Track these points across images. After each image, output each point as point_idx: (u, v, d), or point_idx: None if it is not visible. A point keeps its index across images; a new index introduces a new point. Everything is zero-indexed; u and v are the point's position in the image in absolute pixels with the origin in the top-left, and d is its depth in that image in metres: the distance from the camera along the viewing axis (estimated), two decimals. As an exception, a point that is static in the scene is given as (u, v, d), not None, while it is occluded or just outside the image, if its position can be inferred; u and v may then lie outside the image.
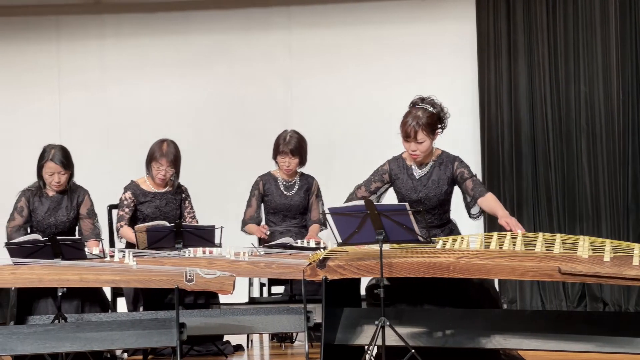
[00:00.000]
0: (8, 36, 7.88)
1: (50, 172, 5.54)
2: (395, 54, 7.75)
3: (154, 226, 5.43)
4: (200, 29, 7.87)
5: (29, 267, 4.73)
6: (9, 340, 4.55)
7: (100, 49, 7.91)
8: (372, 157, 5.87)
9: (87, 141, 7.64)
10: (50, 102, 7.87)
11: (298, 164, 6.23)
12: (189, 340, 5.00)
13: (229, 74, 7.87)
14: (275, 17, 7.84)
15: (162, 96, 7.87)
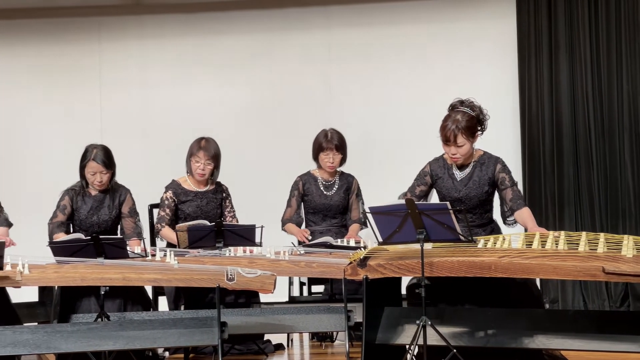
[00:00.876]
0: (51, 37, 7.96)
1: (92, 171, 5.58)
2: (435, 53, 7.72)
3: (195, 225, 5.44)
4: (240, 29, 7.90)
5: (72, 265, 4.77)
6: (53, 338, 4.59)
7: (140, 50, 7.97)
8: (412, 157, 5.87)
9: (128, 140, 7.70)
10: (91, 102, 7.95)
11: (341, 160, 6.21)
12: (230, 339, 5.02)
13: (268, 73, 7.88)
14: (314, 17, 7.84)
15: (201, 96, 7.91)
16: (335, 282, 5.81)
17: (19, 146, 7.93)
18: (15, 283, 4.60)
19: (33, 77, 7.96)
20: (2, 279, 4.54)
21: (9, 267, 4.59)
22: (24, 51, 7.98)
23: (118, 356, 4.95)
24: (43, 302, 5.82)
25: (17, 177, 7.78)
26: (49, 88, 7.96)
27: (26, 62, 7.97)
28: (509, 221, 5.07)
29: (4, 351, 4.52)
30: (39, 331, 4.63)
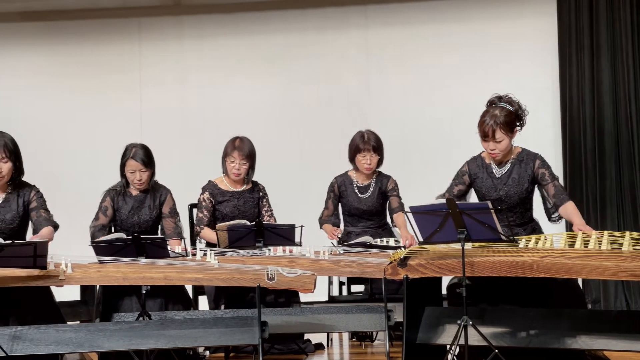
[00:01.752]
0: (91, 39, 8.04)
1: (131, 170, 5.61)
2: (474, 51, 7.69)
3: (235, 225, 5.46)
4: (278, 29, 7.92)
5: (114, 265, 4.80)
6: (95, 337, 4.62)
7: (179, 50, 8.02)
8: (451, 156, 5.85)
9: (167, 140, 7.75)
10: (131, 102, 8.01)
11: (378, 162, 6.19)
12: (270, 339, 5.03)
13: (306, 73, 7.89)
14: (352, 16, 7.84)
15: (239, 95, 7.94)
16: (375, 282, 5.80)
17: (61, 147, 8.01)
18: (59, 282, 4.64)
19: (74, 78, 8.04)
20: (45, 278, 4.58)
21: (53, 267, 4.63)
22: (65, 52, 8.06)
23: (159, 355, 4.99)
24: (85, 301, 5.87)
25: (60, 177, 7.86)
26: (90, 89, 8.03)
27: (67, 63, 8.05)
28: (554, 218, 5.01)
29: (48, 349, 4.57)
30: (82, 330, 4.67)
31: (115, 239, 4.99)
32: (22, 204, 5.08)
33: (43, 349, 4.56)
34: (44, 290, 4.86)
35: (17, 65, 8.07)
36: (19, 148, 5.08)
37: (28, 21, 8.09)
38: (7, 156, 4.99)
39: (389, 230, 6.23)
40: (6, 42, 8.09)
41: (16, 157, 5.04)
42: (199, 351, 5.46)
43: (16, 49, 8.09)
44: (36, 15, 8.09)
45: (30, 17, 8.10)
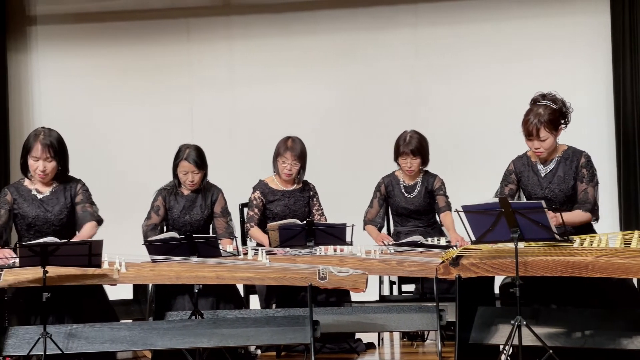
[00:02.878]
0: (141, 39, 8.10)
1: (184, 171, 5.65)
2: (524, 49, 7.63)
3: (286, 224, 5.48)
4: (327, 29, 7.92)
5: (167, 264, 4.83)
6: (149, 335, 4.66)
7: (228, 50, 8.05)
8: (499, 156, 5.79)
9: (218, 140, 7.78)
10: (182, 103, 8.06)
11: (420, 164, 6.17)
12: (321, 338, 5.03)
13: (355, 72, 7.88)
14: (401, 15, 7.82)
15: (288, 95, 7.95)
16: (426, 281, 5.79)
17: (113, 147, 8.08)
18: (113, 281, 4.69)
19: (126, 79, 8.11)
20: (100, 277, 4.63)
21: (107, 265, 4.68)
22: (115, 53, 8.13)
23: (211, 353, 5.02)
24: (138, 299, 5.93)
25: (112, 177, 7.93)
26: (141, 89, 8.09)
27: (119, 64, 8.12)
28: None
29: (103, 347, 4.62)
30: (135, 328, 4.71)
31: (168, 238, 5.03)
32: (70, 196, 5.13)
33: (98, 347, 4.61)
34: (98, 288, 4.91)
35: (70, 66, 8.17)
36: (66, 146, 5.11)
37: (81, 23, 8.18)
38: (51, 156, 5.03)
39: (438, 229, 6.21)
40: (60, 43, 8.19)
41: (61, 156, 5.07)
42: (251, 350, 5.49)
43: (70, 50, 8.18)
44: (89, 16, 8.18)
45: (83, 19, 8.19)
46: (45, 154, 5.01)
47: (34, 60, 8.20)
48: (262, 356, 5.57)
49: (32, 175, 5.07)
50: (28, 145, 5.05)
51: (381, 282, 6.27)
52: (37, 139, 5.03)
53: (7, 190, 5.10)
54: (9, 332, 4.59)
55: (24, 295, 4.79)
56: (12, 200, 5.05)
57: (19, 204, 5.04)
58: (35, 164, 5.03)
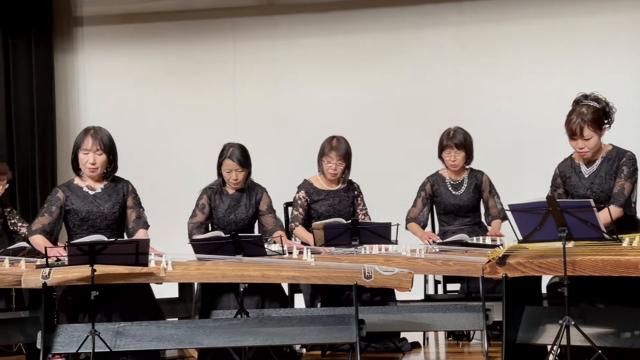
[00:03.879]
0: (187, 39, 8.15)
1: (228, 169, 5.67)
2: (570, 47, 7.55)
3: (331, 223, 5.48)
4: (371, 27, 7.90)
5: (213, 263, 4.85)
6: (195, 333, 4.68)
7: (272, 49, 8.07)
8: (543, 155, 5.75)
9: (261, 139, 7.79)
10: (226, 102, 8.09)
11: (464, 158, 6.13)
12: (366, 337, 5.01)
13: (400, 70, 7.86)
14: (446, 13, 7.78)
15: (332, 94, 7.95)
16: (471, 281, 5.76)
17: (158, 146, 8.14)
18: (159, 279, 4.72)
19: (171, 78, 8.17)
20: (147, 276, 4.67)
21: (153, 264, 4.72)
22: (160, 53, 8.19)
23: (257, 352, 5.03)
24: (183, 298, 5.96)
25: (157, 176, 7.99)
26: (186, 88, 8.14)
27: (163, 64, 8.18)
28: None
29: (150, 345, 4.65)
30: (182, 326, 4.74)
31: (214, 237, 5.05)
32: (122, 194, 5.19)
33: (145, 345, 4.65)
34: (144, 287, 4.95)
35: (115, 66, 8.24)
36: (115, 144, 5.19)
37: (126, 23, 8.26)
38: (101, 149, 5.10)
39: (484, 228, 6.17)
40: (106, 43, 8.27)
41: (111, 151, 5.15)
42: (296, 348, 5.49)
43: (115, 50, 8.26)
44: (134, 17, 8.25)
45: (128, 20, 8.26)
46: (95, 147, 5.09)
47: (80, 61, 8.29)
48: (307, 355, 5.58)
49: (83, 170, 5.14)
50: (78, 141, 5.14)
51: (426, 281, 6.25)
52: (88, 133, 5.13)
53: (58, 189, 5.18)
54: (58, 330, 4.64)
55: (73, 294, 4.85)
56: (64, 197, 5.12)
57: (71, 201, 5.11)
58: (85, 157, 5.10)
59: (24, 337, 4.96)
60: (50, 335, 4.61)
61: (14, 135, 7.98)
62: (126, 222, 5.22)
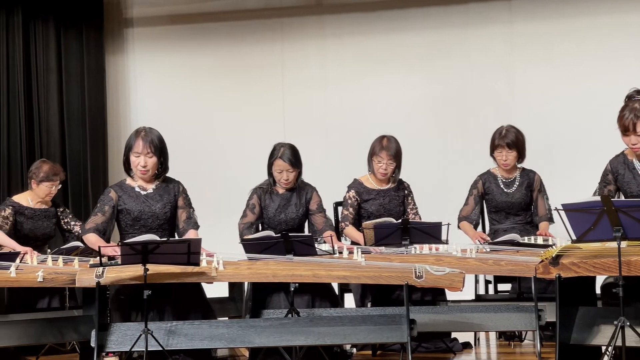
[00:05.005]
0: (236, 39, 8.19)
1: (279, 169, 5.68)
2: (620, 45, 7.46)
3: (382, 223, 5.47)
4: (420, 26, 7.88)
5: (264, 262, 4.86)
6: (247, 332, 4.69)
7: (321, 49, 8.08)
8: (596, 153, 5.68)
9: (310, 139, 7.81)
10: (275, 102, 8.12)
11: (516, 157, 6.09)
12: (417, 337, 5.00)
13: (448, 69, 7.83)
14: (495, 11, 7.73)
15: (381, 93, 7.94)
16: (523, 281, 5.71)
17: (208, 147, 8.19)
18: (211, 279, 4.73)
19: (220, 79, 8.22)
20: (198, 275, 4.69)
21: (205, 264, 4.74)
22: (209, 54, 8.24)
23: (308, 351, 5.04)
24: (233, 297, 5.99)
25: (208, 176, 8.05)
26: (236, 89, 8.19)
27: (212, 65, 8.23)
28: None
29: (202, 344, 4.67)
30: (233, 325, 4.75)
31: (264, 237, 5.07)
32: (173, 194, 5.24)
33: (197, 344, 4.67)
34: (196, 286, 4.98)
35: (165, 67, 8.31)
36: (166, 145, 5.24)
37: (176, 24, 8.32)
38: (152, 151, 5.15)
39: (536, 227, 6.11)
40: (156, 44, 8.34)
41: (161, 153, 5.19)
42: (346, 348, 5.49)
43: (165, 51, 8.33)
44: (184, 18, 8.31)
45: (178, 20, 8.32)
46: (146, 150, 5.13)
47: (130, 62, 8.37)
48: (357, 355, 5.57)
49: (134, 172, 5.19)
50: (130, 143, 5.19)
51: (477, 281, 6.21)
52: (139, 135, 5.17)
53: (110, 189, 5.23)
54: (111, 328, 4.68)
55: (126, 293, 4.89)
56: (116, 197, 5.18)
57: (124, 200, 5.16)
58: (136, 159, 5.16)
59: (77, 335, 5.00)
60: (103, 334, 4.65)
61: (66, 136, 8.08)
62: (177, 222, 5.26)
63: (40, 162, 6.36)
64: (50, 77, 8.02)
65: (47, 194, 6.21)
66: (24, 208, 6.18)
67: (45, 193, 6.21)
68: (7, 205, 6.17)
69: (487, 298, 6.05)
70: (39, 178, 6.19)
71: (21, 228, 6.15)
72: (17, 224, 6.13)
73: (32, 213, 6.20)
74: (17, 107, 7.81)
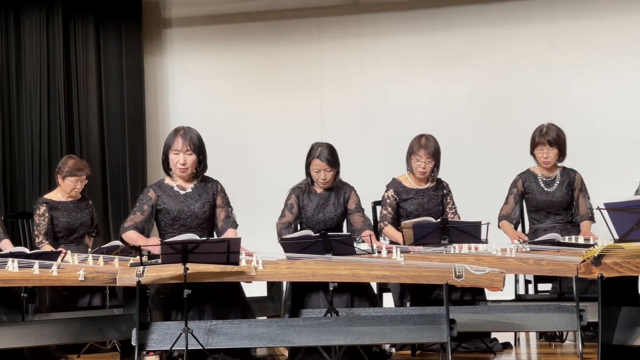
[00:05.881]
0: (273, 39, 8.20)
1: (316, 169, 5.68)
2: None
3: (421, 222, 5.44)
4: (458, 24, 7.85)
5: (303, 262, 4.86)
6: (286, 332, 4.70)
7: (359, 48, 8.07)
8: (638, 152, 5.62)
9: (348, 139, 7.81)
10: (313, 100, 8.12)
11: (557, 155, 6.04)
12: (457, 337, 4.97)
13: (488, 68, 7.79)
14: (535, 9, 7.68)
15: (420, 92, 7.91)
16: (564, 280, 5.66)
17: (246, 146, 8.21)
18: (250, 278, 4.74)
19: (259, 78, 8.23)
20: (238, 274, 4.70)
21: (244, 263, 4.75)
22: (247, 54, 8.26)
23: (347, 351, 5.03)
24: (271, 296, 6.00)
25: (246, 175, 8.06)
26: (274, 88, 8.20)
27: (250, 64, 8.25)
28: None
29: (241, 343, 4.68)
30: (272, 325, 4.76)
31: (303, 236, 5.07)
32: (212, 194, 5.26)
33: (237, 343, 4.68)
34: (235, 285, 4.99)
35: (203, 67, 8.34)
36: (204, 144, 5.25)
37: (214, 24, 8.35)
38: (191, 149, 5.18)
39: (577, 226, 6.06)
40: (194, 44, 8.38)
41: (200, 151, 5.22)
42: (385, 348, 5.47)
43: (203, 51, 8.36)
44: (222, 18, 8.34)
45: (216, 21, 8.35)
46: (185, 147, 5.16)
47: (168, 62, 8.42)
48: (396, 354, 5.55)
49: (173, 170, 5.22)
50: (169, 141, 5.22)
51: (517, 280, 6.17)
52: (178, 133, 5.20)
53: (149, 188, 5.26)
54: (151, 327, 4.71)
55: (166, 292, 4.91)
56: (155, 196, 5.20)
57: (163, 200, 5.19)
58: (175, 157, 5.18)
59: (118, 334, 5.05)
60: (144, 333, 4.67)
61: (105, 137, 8.14)
62: (215, 221, 5.28)
63: (67, 157, 6.47)
64: (89, 78, 8.08)
65: (72, 188, 6.29)
66: (56, 203, 6.28)
67: (70, 188, 6.29)
68: (40, 203, 6.28)
69: (528, 298, 6.00)
70: (63, 173, 6.30)
71: (58, 222, 6.24)
72: (53, 220, 6.22)
73: (65, 206, 6.29)
74: (57, 107, 7.88)
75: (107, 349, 5.98)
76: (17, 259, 4.88)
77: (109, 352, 5.95)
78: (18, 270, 4.81)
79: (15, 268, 4.81)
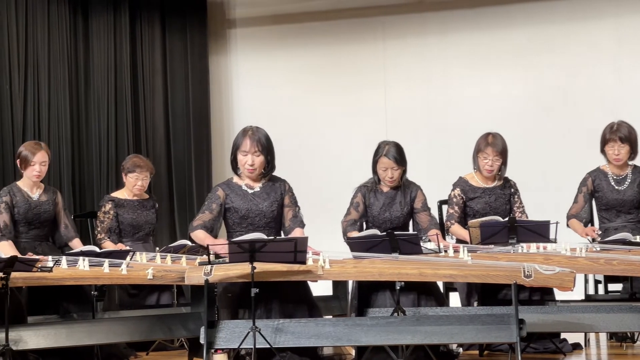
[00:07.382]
0: (336, 38, 8.22)
1: (383, 167, 5.66)
2: None
3: (488, 221, 5.39)
4: (524, 21, 7.79)
5: (369, 261, 4.85)
6: (353, 331, 4.69)
7: (422, 47, 8.04)
8: None
9: (412, 138, 7.77)
10: (377, 100, 8.11)
11: (628, 152, 5.94)
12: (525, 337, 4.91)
13: (553, 64, 7.71)
14: (601, 4, 7.58)
15: (485, 90, 7.86)
16: (635, 280, 5.56)
17: (311, 145, 8.24)
18: (317, 277, 4.74)
19: (323, 78, 8.25)
20: (305, 273, 4.70)
21: (311, 262, 4.75)
22: (311, 53, 8.28)
23: (414, 351, 5.00)
24: (337, 295, 5.99)
25: (312, 174, 8.09)
26: (338, 87, 8.21)
27: (314, 64, 8.27)
28: None
29: (308, 342, 4.68)
30: (339, 324, 4.75)
31: (370, 236, 5.05)
32: (280, 193, 5.27)
33: (304, 342, 4.68)
34: (302, 284, 5.00)
35: (267, 66, 8.39)
36: (272, 144, 5.27)
37: (278, 24, 8.39)
38: (259, 150, 5.19)
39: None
40: (258, 44, 8.43)
41: (268, 152, 5.23)
42: (452, 348, 5.43)
43: (267, 51, 8.41)
44: (285, 18, 8.37)
45: (280, 20, 8.39)
46: (253, 148, 5.18)
47: (233, 62, 8.48)
48: (464, 354, 5.51)
49: (241, 170, 5.25)
50: (237, 142, 5.24)
51: (586, 280, 6.08)
52: (246, 134, 5.22)
53: (218, 187, 5.29)
54: (219, 325, 4.73)
55: (233, 290, 4.94)
56: (224, 195, 5.23)
57: (231, 199, 5.22)
58: (244, 158, 5.21)
59: (186, 332, 5.09)
60: (212, 331, 4.70)
61: (171, 136, 8.22)
62: (283, 220, 5.29)
63: (131, 156, 6.57)
64: (155, 78, 8.17)
65: (134, 185, 6.35)
66: (122, 201, 6.35)
67: (132, 184, 6.36)
68: (106, 201, 6.36)
69: (598, 298, 5.91)
70: (126, 170, 6.38)
71: (123, 220, 6.31)
72: (118, 217, 6.30)
73: (131, 204, 6.36)
74: (124, 108, 7.98)
75: (175, 346, 6.04)
76: (87, 257, 4.95)
77: (176, 349, 6.01)
78: (89, 269, 4.88)
79: (86, 266, 4.89)
